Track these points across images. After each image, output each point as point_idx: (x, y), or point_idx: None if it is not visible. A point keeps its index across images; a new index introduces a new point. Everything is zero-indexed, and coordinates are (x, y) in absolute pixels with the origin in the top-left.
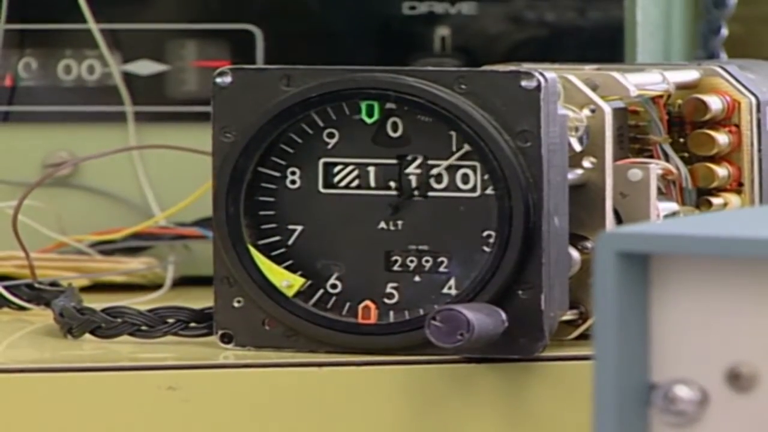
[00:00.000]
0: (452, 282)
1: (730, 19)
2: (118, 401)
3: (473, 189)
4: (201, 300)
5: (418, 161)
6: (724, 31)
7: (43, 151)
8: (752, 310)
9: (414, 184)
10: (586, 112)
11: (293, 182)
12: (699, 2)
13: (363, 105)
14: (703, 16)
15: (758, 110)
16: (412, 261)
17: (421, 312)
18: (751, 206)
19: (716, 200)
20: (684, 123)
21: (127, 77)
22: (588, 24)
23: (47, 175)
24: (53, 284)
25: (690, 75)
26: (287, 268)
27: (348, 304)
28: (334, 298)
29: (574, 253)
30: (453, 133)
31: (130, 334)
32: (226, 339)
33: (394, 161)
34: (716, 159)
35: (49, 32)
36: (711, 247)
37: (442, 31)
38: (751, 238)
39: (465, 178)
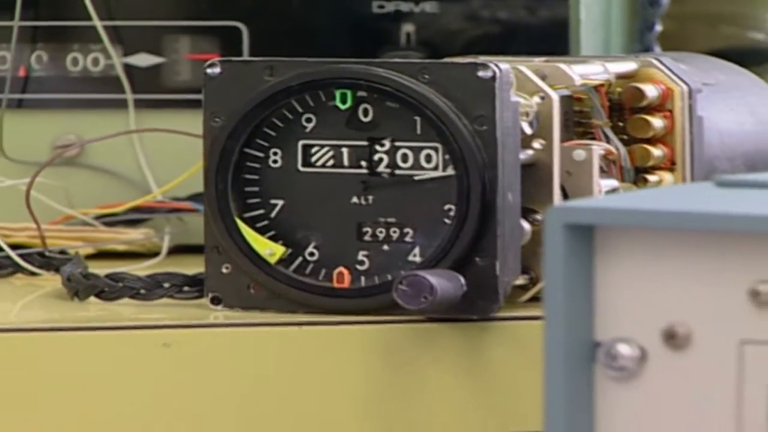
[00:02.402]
0: (417, 250)
1: (663, 16)
2: (119, 357)
3: (435, 168)
4: (193, 266)
5: (387, 143)
6: (658, 27)
7: (53, 134)
8: (685, 275)
9: (383, 163)
10: (536, 99)
11: (275, 162)
12: (635, 1)
13: (337, 93)
14: (640, 13)
15: (690, 97)
16: (381, 232)
17: (389, 277)
18: (683, 183)
19: (652, 178)
20: (623, 109)
21: (128, 68)
22: (537, 21)
23: (56, 155)
24: (62, 252)
25: (628, 66)
26: (270, 238)
27: (324, 270)
28: (311, 265)
29: (526, 225)
30: (417, 118)
31: (130, 297)
32: (215, 301)
33: (365, 143)
34: (652, 141)
35: (58, 28)
36: (648, 220)
37: (408, 27)
38: (682, 212)
39: (428, 158)
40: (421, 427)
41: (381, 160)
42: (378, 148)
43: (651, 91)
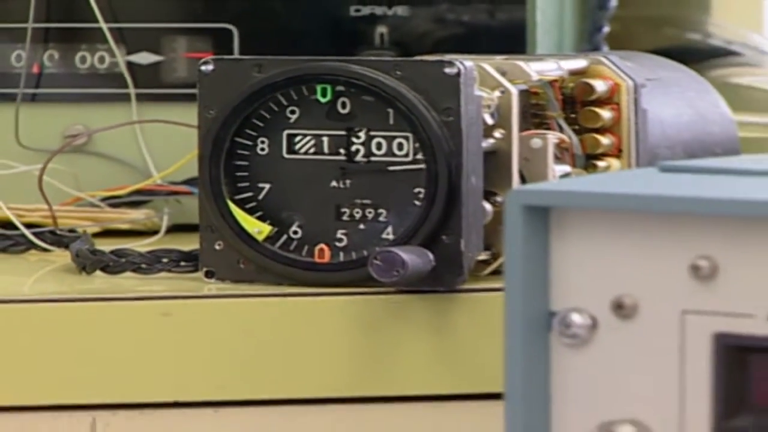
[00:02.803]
0: (390, 229)
1: (610, 19)
2: (122, 325)
3: (407, 155)
4: (189, 243)
5: (363, 133)
6: (606, 29)
7: (63, 124)
8: (632, 252)
9: (359, 151)
10: (496, 93)
11: (263, 149)
12: (586, 5)
13: (318, 88)
14: (589, 16)
15: (635, 92)
16: (357, 212)
17: (365, 253)
18: (629, 169)
19: (601, 164)
20: (575, 102)
21: (130, 66)
22: (498, 24)
23: (66, 144)
24: (71, 231)
25: (579, 63)
26: (258, 218)
27: (306, 247)
28: (295, 242)
29: (488, 206)
30: (390, 110)
31: (132, 271)
32: (209, 275)
33: (343, 133)
34: (601, 131)
35: (68, 30)
36: (598, 202)
37: (381, 29)
38: (629, 194)
39: (400, 146)
40: (395, 387)
41: (357, 148)
42: (355, 137)
43: (600, 86)
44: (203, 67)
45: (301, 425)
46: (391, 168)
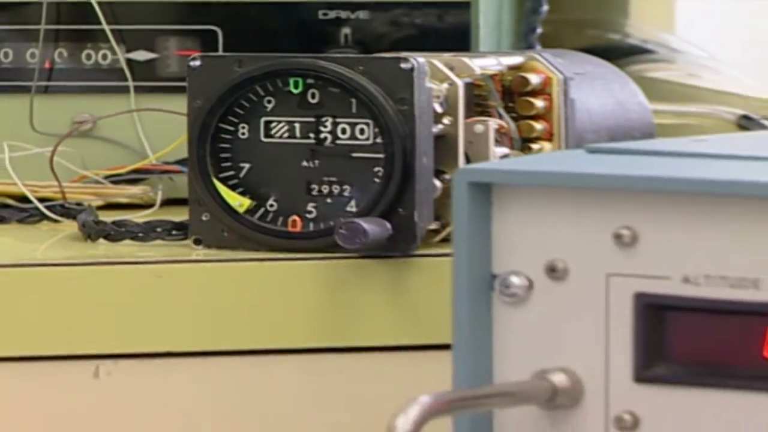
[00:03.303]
0: (353, 203)
1: (543, 21)
2: (122, 285)
3: (367, 138)
4: (180, 215)
5: (329, 120)
6: (539, 30)
7: (71, 112)
8: (563, 222)
9: (326, 135)
10: (445, 85)
11: (243, 134)
12: (521, 10)
13: (291, 80)
14: (525, 19)
15: (564, 84)
16: (325, 188)
17: (332, 223)
18: (559, 150)
19: (535, 146)
20: (513, 93)
21: (129, 62)
22: (446, 26)
23: (74, 129)
24: (78, 204)
25: (516, 59)
26: (239, 193)
27: (281, 218)
28: (271, 214)
29: (437, 183)
30: (353, 100)
31: (131, 239)
32: (197, 242)
33: (312, 120)
34: (535, 118)
35: (75, 31)
36: (532, 179)
37: (345, 30)
38: (559, 172)
39: (362, 131)
40: (357, 339)
41: (325, 134)
42: (322, 124)
43: (534, 79)
44: (192, 63)
45: (276, 371)
46: (354, 150)
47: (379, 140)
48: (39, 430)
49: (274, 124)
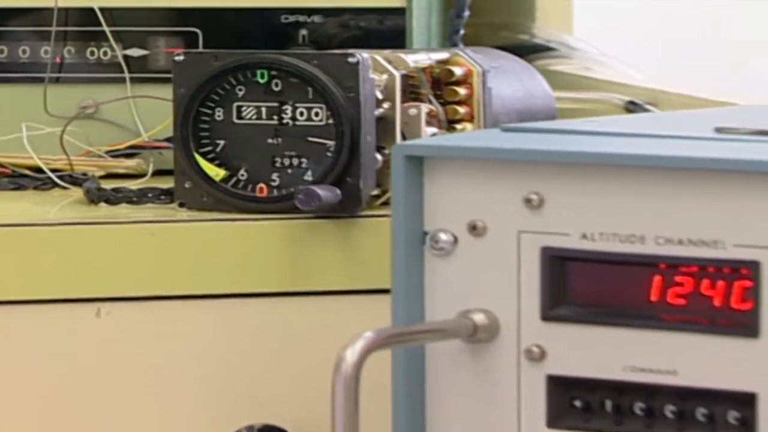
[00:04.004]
0: (309, 173)
1: (465, 25)
2: (119, 241)
3: (321, 120)
4: (168, 183)
5: (290, 104)
6: (462, 32)
7: (79, 98)
8: (482, 188)
9: (287, 117)
10: (385, 76)
11: (219, 116)
12: (447, 15)
13: (258, 72)
14: (450, 22)
15: (483, 75)
16: (286, 161)
17: (292, 190)
18: (478, 129)
19: (459, 126)
20: (440, 82)
21: (126, 58)
22: (386, 28)
23: (80, 112)
24: (83, 174)
25: (443, 55)
26: (216, 165)
27: (250, 186)
28: (242, 182)
29: (379, 156)
30: (310, 88)
31: (127, 203)
32: (181, 205)
33: (276, 104)
34: (459, 103)
35: (81, 32)
36: (457, 152)
37: (303, 31)
38: (478, 147)
39: (316, 114)
40: (313, 284)
41: (286, 116)
42: (284, 108)
43: (458, 71)
44: (176, 58)
45: (247, 311)
46: (311, 129)
47: (330, 122)
48: (50, 360)
49: (244, 108)
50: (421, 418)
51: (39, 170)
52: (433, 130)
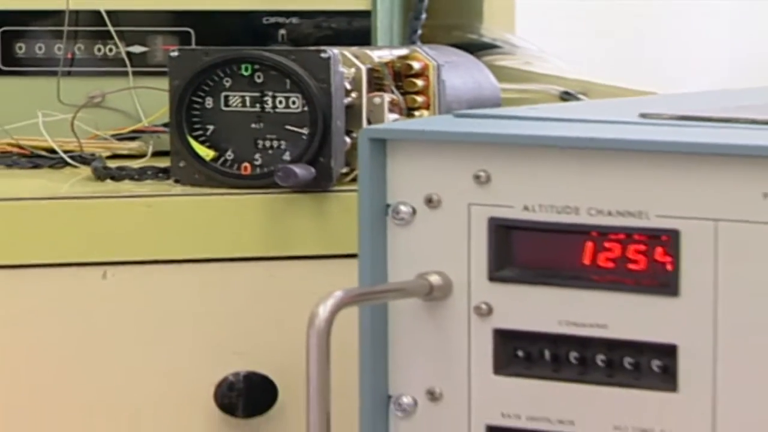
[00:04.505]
0: (287, 154)
1: (422, 26)
2: (123, 211)
3: (297, 107)
4: (165, 162)
5: (270, 94)
6: (420, 32)
7: (87, 89)
8: (437, 165)
9: (268, 105)
10: (353, 69)
11: (209, 104)
12: (407, 17)
13: (243, 66)
14: (409, 24)
15: (437, 69)
16: (267, 143)
17: (272, 168)
18: (433, 115)
19: (417, 113)
20: (401, 75)
21: (128, 54)
22: (353, 28)
23: (89, 101)
24: (91, 155)
25: (403, 51)
26: (206, 147)
27: (236, 165)
28: (229, 162)
29: (347, 139)
30: (287, 80)
31: (129, 179)
32: (177, 182)
33: (258, 94)
34: (417, 93)
35: (89, 31)
36: (415, 135)
37: (282, 31)
38: (433, 130)
39: (293, 102)
40: (290, 250)
41: (267, 104)
42: (265, 97)
43: (416, 65)
44: (172, 54)
45: (232, 272)
46: (288, 116)
47: (305, 109)
48: (62, 316)
49: (230, 97)
50: (384, 367)
51: (53, 151)
52: (395, 116)
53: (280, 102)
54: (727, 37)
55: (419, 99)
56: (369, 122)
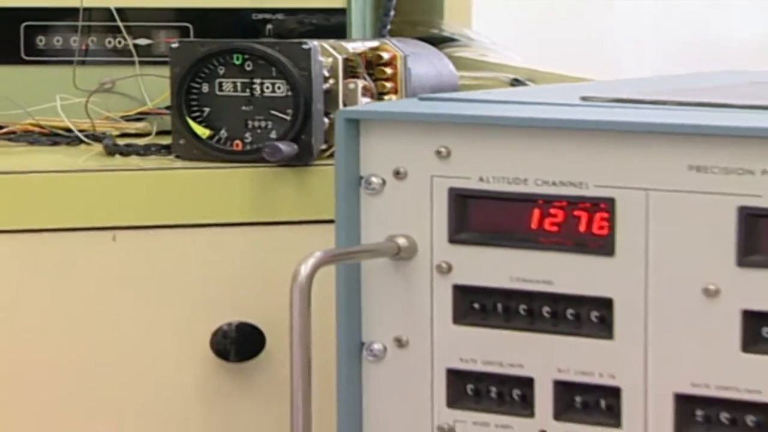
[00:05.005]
0: (274, 132)
1: (391, 22)
2: (131, 182)
3: (283, 92)
4: (167, 140)
5: (258, 80)
6: (389, 27)
7: (99, 76)
8: (402, 141)
9: (257, 90)
10: (330, 59)
11: (205, 89)
12: (378, 14)
13: (234, 56)
14: (380, 20)
15: (404, 59)
16: (256, 123)
17: (260, 145)
18: (400, 99)
19: (387, 97)
20: (372, 64)
21: (135, 46)
22: (331, 23)
23: (100, 87)
24: (103, 134)
25: (375, 44)
26: (203, 126)
27: (229, 142)
28: (223, 139)
29: (326, 120)
30: (273, 68)
31: (136, 155)
32: (177, 157)
33: (248, 80)
34: (386, 79)
35: (101, 26)
36: (385, 116)
37: (269, 26)
38: (401, 111)
39: (279, 88)
40: (276, 217)
41: (256, 89)
42: (254, 83)
43: (385, 55)
44: (173, 45)
45: (226, 235)
46: (274, 99)
47: (289, 94)
48: (76, 274)
49: (224, 83)
50: (358, 317)
51: (69, 130)
52: (367, 99)
53: (267, 87)
54: (652, 25)
55: (388, 85)
56: (344, 105)
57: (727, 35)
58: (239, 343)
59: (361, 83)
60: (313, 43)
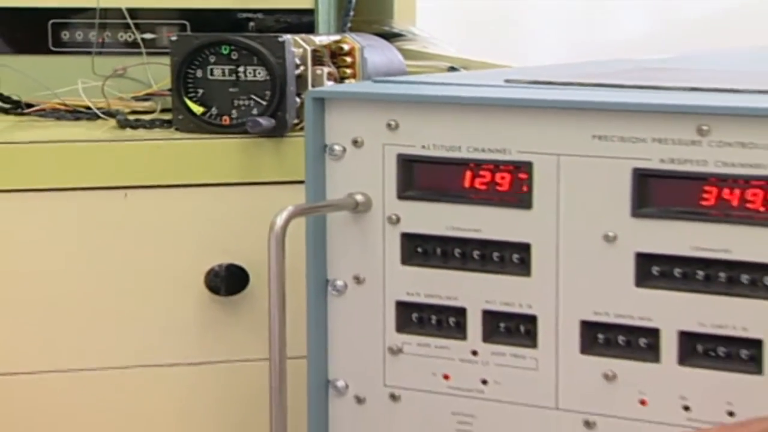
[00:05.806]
0: (255, 109)
1: (351, 20)
2: (140, 151)
3: (262, 76)
4: (169, 116)
5: (243, 67)
6: (349, 24)
7: (113, 65)
8: (360, 116)
9: (241, 75)
10: (301, 50)
11: (199, 74)
12: (341, 14)
13: (223, 47)
14: (342, 18)
15: (362, 50)
16: (241, 102)
17: (244, 120)
18: (357, 82)
19: (347, 81)
20: (336, 54)
21: (143, 39)
22: (302, 22)
23: (114, 73)
24: (117, 111)
25: (337, 38)
26: (197, 104)
27: (219, 118)
28: (214, 115)
29: (297, 99)
30: (255, 57)
31: (143, 128)
32: (177, 130)
33: (234, 67)
34: (347, 67)
35: (114, 23)
36: (345, 96)
37: (252, 24)
38: (359, 91)
39: (259, 73)
40: (257, 178)
41: (241, 75)
42: (239, 70)
43: (346, 47)
44: (172, 39)
45: (218, 193)
46: (256, 82)
47: (268, 78)
48: (91, 229)
49: (214, 69)
50: (323, 259)
51: (89, 108)
52: (331, 83)
53: (250, 73)
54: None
55: (348, 71)
56: (313, 87)
57: (616, 29)
58: (228, 281)
59: (326, 69)
60: (287, 37)
